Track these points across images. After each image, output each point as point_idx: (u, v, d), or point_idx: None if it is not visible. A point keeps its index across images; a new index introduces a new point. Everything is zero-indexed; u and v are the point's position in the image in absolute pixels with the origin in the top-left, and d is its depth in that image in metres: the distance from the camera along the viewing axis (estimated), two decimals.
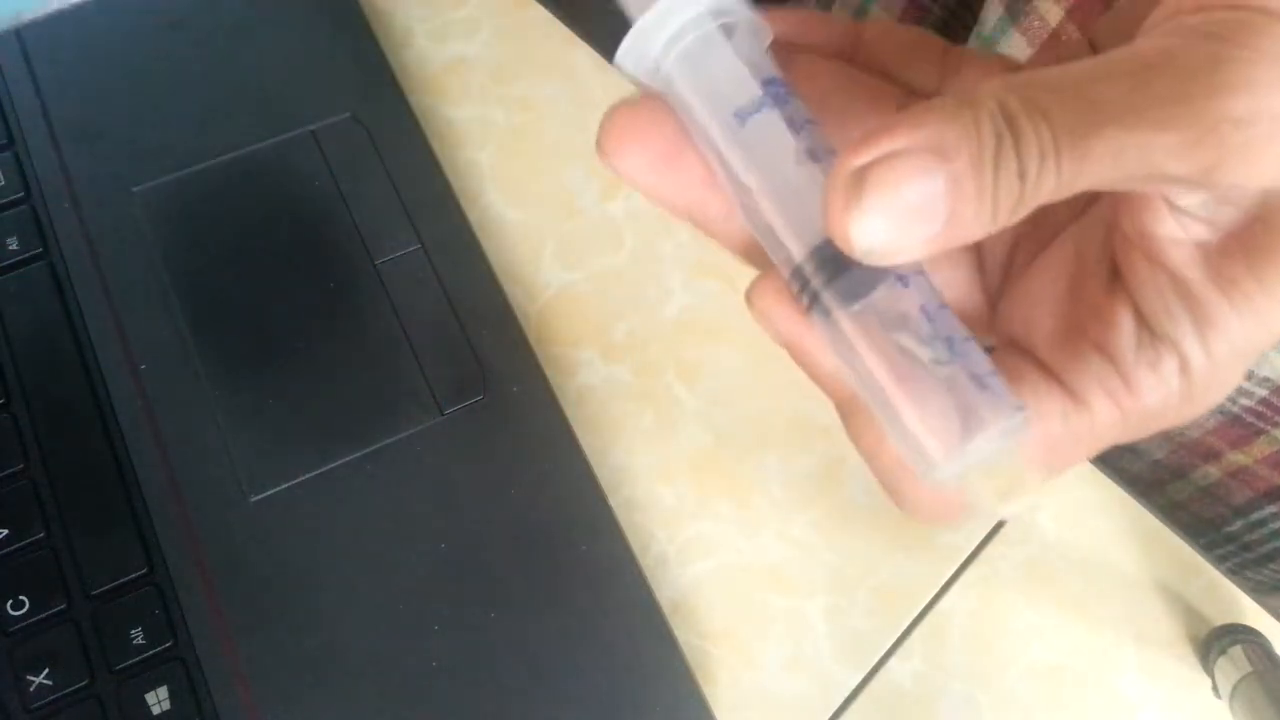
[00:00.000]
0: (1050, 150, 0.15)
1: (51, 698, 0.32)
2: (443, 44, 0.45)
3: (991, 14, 0.38)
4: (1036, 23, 0.36)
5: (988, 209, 0.16)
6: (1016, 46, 0.38)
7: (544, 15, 0.46)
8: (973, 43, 0.41)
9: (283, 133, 0.41)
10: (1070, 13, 0.35)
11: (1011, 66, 0.21)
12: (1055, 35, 0.36)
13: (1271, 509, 0.41)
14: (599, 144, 0.19)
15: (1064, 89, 0.16)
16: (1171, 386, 0.17)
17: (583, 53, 0.45)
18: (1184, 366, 0.17)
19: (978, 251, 0.21)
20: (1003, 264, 0.21)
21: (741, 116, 0.18)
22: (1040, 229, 0.20)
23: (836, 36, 0.22)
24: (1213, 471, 0.42)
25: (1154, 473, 0.45)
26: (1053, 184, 0.16)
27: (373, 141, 0.41)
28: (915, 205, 0.16)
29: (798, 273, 0.18)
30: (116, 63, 0.43)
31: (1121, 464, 0.46)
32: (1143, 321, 0.17)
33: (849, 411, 0.19)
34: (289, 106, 0.42)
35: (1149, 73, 0.16)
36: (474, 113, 0.44)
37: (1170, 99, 0.15)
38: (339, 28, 0.44)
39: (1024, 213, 0.16)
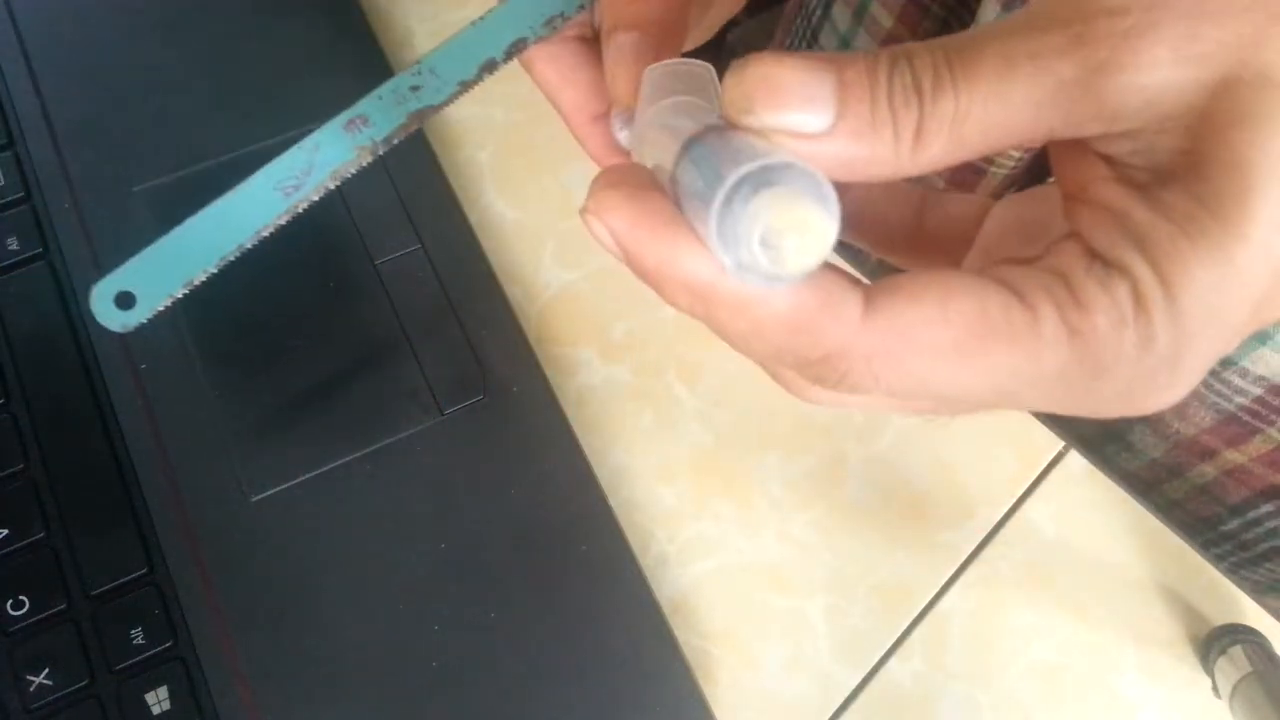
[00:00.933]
0: (943, 64, 0.16)
1: (51, 698, 0.32)
2: None
3: (988, 12, 0.39)
4: None
5: (886, 121, 0.16)
6: None
7: None
8: None
9: (283, 132, 0.41)
10: None
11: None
12: None
13: (1268, 507, 0.41)
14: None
15: (959, 34, 0.17)
16: (1124, 311, 0.16)
17: None
18: (1138, 293, 0.16)
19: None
20: None
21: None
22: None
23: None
24: (1209, 470, 0.42)
25: (1151, 471, 0.45)
26: (951, 102, 0.16)
27: None
28: (799, 93, 0.16)
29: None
30: (117, 62, 0.42)
31: (1119, 462, 0.46)
32: (1094, 254, 0.17)
33: (709, 298, 0.17)
34: (289, 106, 0.42)
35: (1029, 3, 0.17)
36: (473, 112, 0.44)
37: (1053, 6, 0.16)
38: (339, 27, 0.44)
39: (936, 143, 0.16)
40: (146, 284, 0.26)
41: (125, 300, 0.26)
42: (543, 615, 0.35)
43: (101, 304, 0.25)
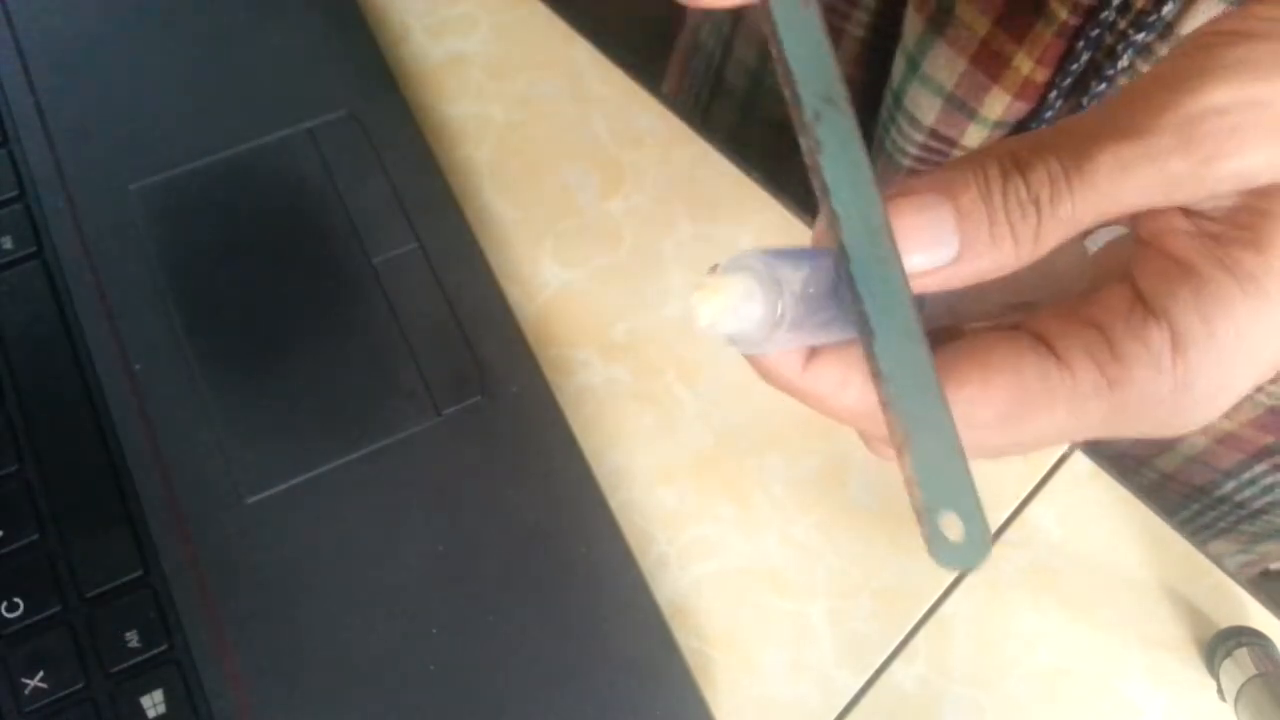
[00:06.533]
0: (1059, 174, 0.17)
1: (46, 700, 0.32)
2: (440, 40, 0.45)
3: (912, 30, 0.38)
4: (964, 34, 0.36)
5: (1005, 235, 0.17)
6: (944, 56, 0.37)
7: (543, 11, 0.45)
8: (898, 58, 0.40)
9: (279, 130, 0.41)
10: (998, 21, 0.35)
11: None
12: (985, 44, 0.36)
13: (1262, 467, 0.42)
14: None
15: (1063, 130, 0.18)
16: (1162, 362, 0.18)
17: (582, 49, 0.45)
18: (1176, 341, 0.17)
19: None
20: None
21: None
22: None
23: None
24: (1199, 440, 0.42)
25: (1142, 446, 0.45)
26: (1069, 208, 0.17)
27: (369, 139, 0.41)
28: (921, 240, 0.17)
29: None
30: (112, 59, 0.42)
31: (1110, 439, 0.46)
32: (1139, 298, 0.18)
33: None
34: (285, 103, 0.42)
35: (1135, 93, 0.18)
36: (472, 109, 0.44)
37: (1159, 107, 0.17)
38: (335, 24, 0.44)
39: (1053, 240, 0.18)
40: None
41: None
42: (541, 618, 0.34)
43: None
